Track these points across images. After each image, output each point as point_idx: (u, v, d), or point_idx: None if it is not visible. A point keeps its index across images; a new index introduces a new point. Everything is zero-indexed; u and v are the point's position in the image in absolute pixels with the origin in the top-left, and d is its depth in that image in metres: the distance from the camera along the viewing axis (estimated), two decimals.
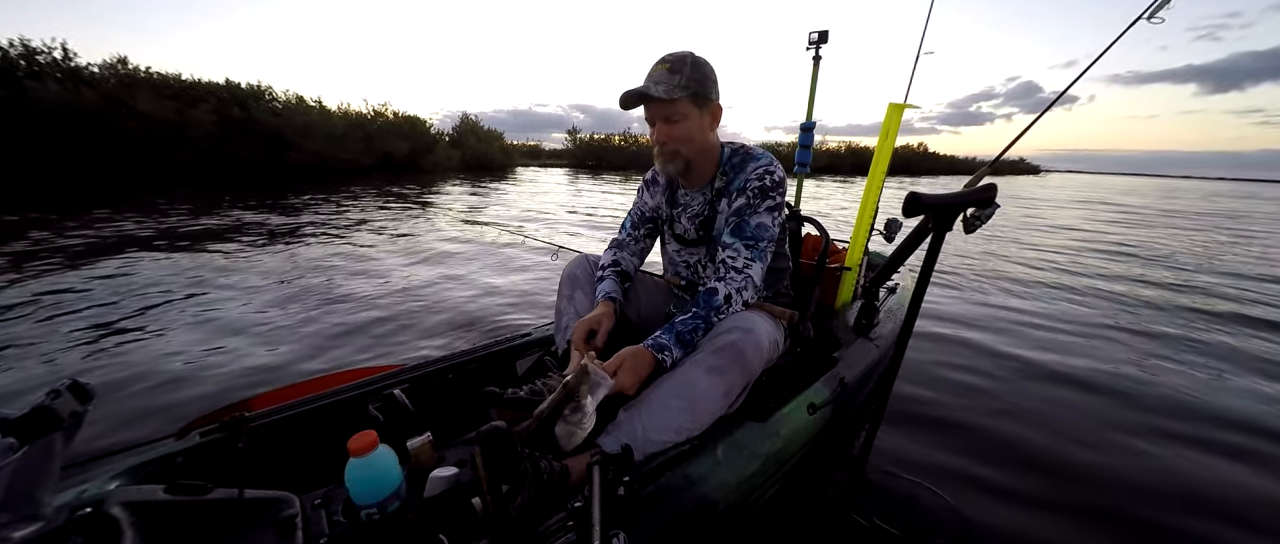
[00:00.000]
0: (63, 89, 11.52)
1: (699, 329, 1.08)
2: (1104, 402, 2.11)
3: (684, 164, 1.20)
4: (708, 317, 1.09)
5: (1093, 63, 1.50)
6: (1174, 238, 7.56)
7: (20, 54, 12.00)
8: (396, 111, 20.07)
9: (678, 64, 1.10)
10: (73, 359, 2.21)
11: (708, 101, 1.14)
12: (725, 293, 1.11)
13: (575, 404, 0.88)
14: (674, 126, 1.13)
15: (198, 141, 13.07)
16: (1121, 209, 13.02)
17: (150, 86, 13.32)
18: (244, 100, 14.87)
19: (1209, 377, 2.39)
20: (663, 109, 1.12)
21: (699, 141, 1.17)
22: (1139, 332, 3.03)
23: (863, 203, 1.84)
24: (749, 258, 1.14)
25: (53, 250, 4.14)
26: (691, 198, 1.31)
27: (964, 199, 1.03)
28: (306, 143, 15.03)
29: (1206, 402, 2.12)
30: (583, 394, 0.88)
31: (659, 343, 1.04)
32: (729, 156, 1.24)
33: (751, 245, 1.14)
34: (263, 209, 7.04)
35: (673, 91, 1.08)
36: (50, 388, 0.70)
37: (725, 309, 1.10)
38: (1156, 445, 1.79)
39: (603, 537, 0.69)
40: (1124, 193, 23.81)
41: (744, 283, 1.13)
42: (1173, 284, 4.35)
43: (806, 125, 2.03)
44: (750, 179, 1.17)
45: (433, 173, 18.19)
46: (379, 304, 3.11)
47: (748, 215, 1.16)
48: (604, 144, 31.74)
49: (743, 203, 1.17)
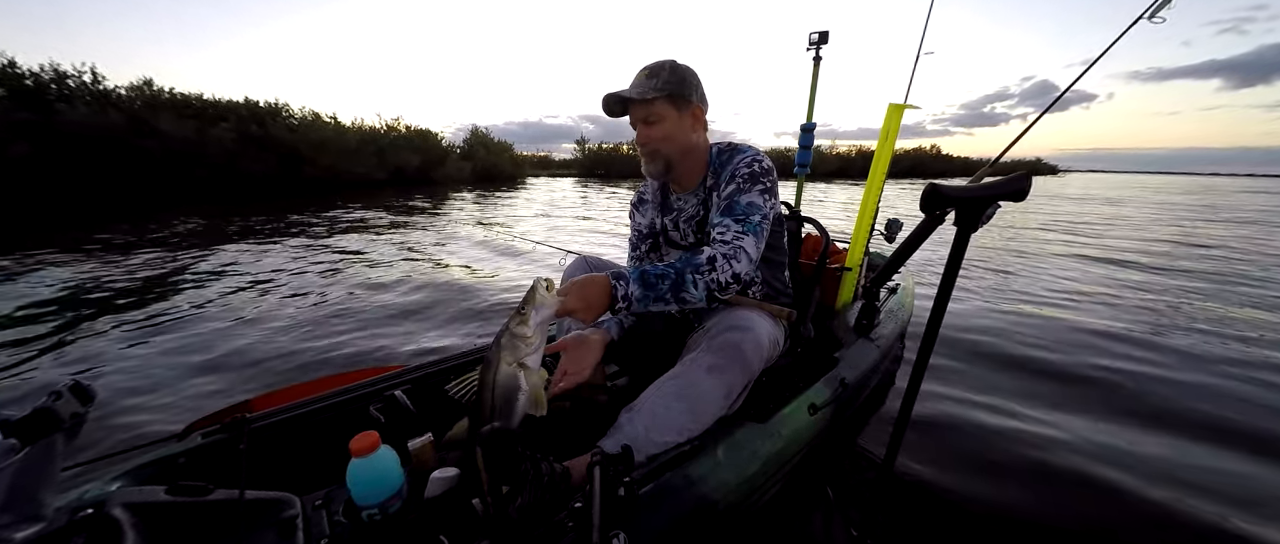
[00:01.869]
0: (91, 111, 11.90)
1: (667, 277, 1.00)
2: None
3: (665, 163, 1.20)
4: (682, 271, 1.01)
5: (1090, 65, 1.50)
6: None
7: (51, 78, 12.41)
8: (409, 125, 20.37)
9: (656, 69, 1.13)
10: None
11: (687, 103, 1.16)
12: (710, 254, 1.04)
13: (520, 319, 0.85)
14: (652, 127, 1.15)
15: (215, 158, 13.34)
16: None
17: (172, 107, 13.70)
18: (262, 118, 15.16)
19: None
20: (640, 110, 1.14)
21: (680, 141, 1.18)
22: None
23: (863, 203, 1.84)
24: (740, 231, 1.09)
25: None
26: (684, 201, 1.31)
27: (994, 192, 0.86)
28: (321, 158, 15.30)
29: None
30: (527, 311, 0.86)
31: (618, 272, 1.00)
32: (717, 155, 1.25)
33: (742, 220, 1.10)
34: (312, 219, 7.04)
35: (647, 92, 1.11)
36: (51, 390, 0.71)
37: (706, 269, 1.02)
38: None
39: (603, 537, 0.69)
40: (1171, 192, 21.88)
41: (733, 251, 1.05)
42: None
43: (807, 126, 2.04)
44: (738, 167, 1.17)
45: (444, 185, 18.33)
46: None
47: (737, 197, 1.14)
48: (612, 153, 32.27)
49: (732, 188, 1.15)
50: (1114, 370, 2.32)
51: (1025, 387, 2.14)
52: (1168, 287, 4.04)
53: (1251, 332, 2.91)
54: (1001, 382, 2.18)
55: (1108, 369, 2.33)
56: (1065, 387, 2.16)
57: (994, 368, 2.32)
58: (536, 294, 0.87)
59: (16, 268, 3.93)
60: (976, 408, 1.92)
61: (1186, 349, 2.60)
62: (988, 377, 2.22)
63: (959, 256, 0.97)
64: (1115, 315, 3.20)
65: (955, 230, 0.94)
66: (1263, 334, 2.86)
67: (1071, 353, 2.52)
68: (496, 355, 0.85)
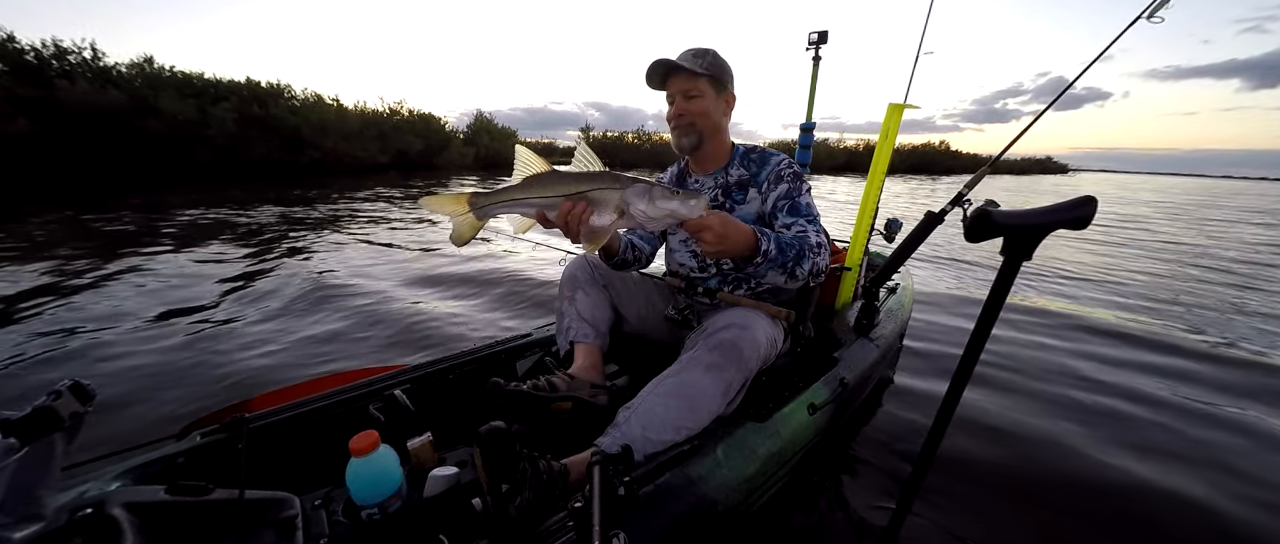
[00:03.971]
0: (91, 87, 11.77)
1: (793, 248, 1.08)
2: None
3: (697, 138, 1.26)
4: (803, 248, 1.09)
5: (1088, 66, 1.50)
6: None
7: (52, 54, 12.29)
8: (412, 110, 20.17)
9: (702, 53, 1.22)
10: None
11: (724, 88, 1.25)
12: (818, 240, 1.13)
13: (664, 192, 0.84)
14: (691, 102, 1.22)
15: (217, 140, 13.21)
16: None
17: (174, 86, 13.54)
18: (264, 99, 14.97)
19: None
20: (685, 82, 1.21)
21: (713, 120, 1.26)
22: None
23: (863, 202, 1.84)
24: (817, 229, 1.19)
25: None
26: (700, 183, 1.37)
27: (1052, 219, 0.74)
28: (323, 140, 15.16)
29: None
30: (673, 197, 0.84)
31: (761, 229, 1.04)
32: (746, 153, 1.32)
33: (812, 220, 1.20)
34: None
35: (697, 67, 1.19)
36: (51, 389, 0.71)
37: (815, 253, 1.10)
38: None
39: (603, 537, 0.69)
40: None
41: (824, 245, 1.15)
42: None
43: (806, 126, 2.05)
44: (781, 169, 1.26)
45: (446, 171, 18.18)
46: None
47: (796, 198, 1.23)
48: (617, 141, 31.78)
49: (785, 187, 1.24)
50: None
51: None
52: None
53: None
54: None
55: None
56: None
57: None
58: (689, 191, 0.87)
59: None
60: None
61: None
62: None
63: (1004, 291, 0.80)
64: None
65: (1002, 260, 0.79)
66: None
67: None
68: (621, 196, 0.85)
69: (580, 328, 1.34)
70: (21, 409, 0.68)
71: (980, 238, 0.78)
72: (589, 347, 1.32)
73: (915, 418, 1.88)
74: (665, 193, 0.85)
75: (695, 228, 0.91)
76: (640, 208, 0.85)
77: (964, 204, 1.52)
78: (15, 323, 2.62)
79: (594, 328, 1.35)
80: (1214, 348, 2.74)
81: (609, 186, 0.86)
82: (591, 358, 1.30)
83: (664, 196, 0.85)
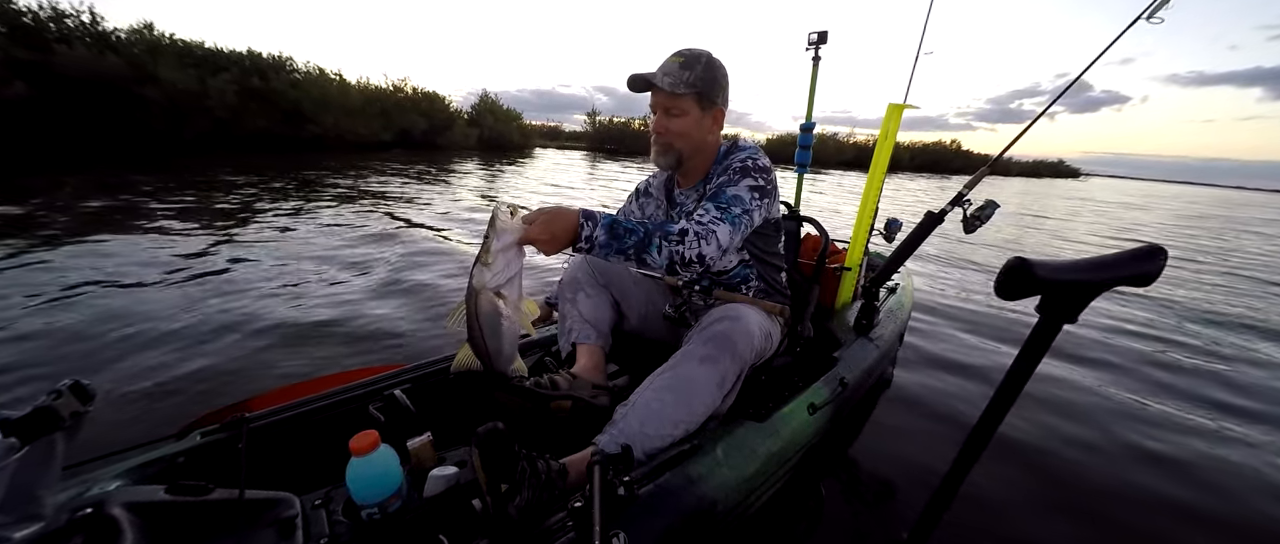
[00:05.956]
0: (89, 53, 11.52)
1: (635, 233, 0.97)
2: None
3: (676, 158, 1.21)
4: (652, 233, 0.98)
5: (1086, 68, 1.51)
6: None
7: (50, 16, 12.03)
8: (416, 88, 19.69)
9: (692, 61, 1.12)
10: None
11: (712, 104, 1.16)
12: (682, 227, 1.01)
13: (483, 247, 0.88)
14: (672, 120, 1.15)
15: (217, 111, 12.93)
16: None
17: (174, 54, 13.24)
18: (265, 71, 14.65)
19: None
20: (666, 100, 1.14)
21: (695, 139, 1.19)
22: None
23: (862, 203, 1.84)
24: (717, 216, 1.06)
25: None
26: (687, 196, 1.33)
27: (1108, 275, 0.56)
28: (324, 116, 14.84)
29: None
30: (489, 239, 0.88)
31: (588, 212, 0.95)
32: (724, 154, 1.25)
33: (723, 209, 1.08)
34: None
35: (678, 86, 1.10)
36: (51, 388, 0.71)
37: (674, 239, 0.98)
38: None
39: (603, 537, 0.69)
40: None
41: (705, 232, 1.02)
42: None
43: (806, 125, 2.04)
44: (733, 162, 1.17)
45: (449, 151, 17.86)
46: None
47: (724, 188, 1.12)
48: (623, 128, 30.98)
49: (722, 179, 1.16)
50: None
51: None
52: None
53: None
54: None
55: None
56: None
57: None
58: (497, 220, 0.87)
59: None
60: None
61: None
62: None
63: (1037, 355, 0.62)
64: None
65: (1038, 318, 0.60)
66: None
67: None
68: (469, 284, 0.90)
69: (582, 329, 1.34)
70: (22, 408, 0.68)
71: (1016, 295, 0.58)
72: (591, 347, 1.32)
73: (915, 418, 1.89)
74: (483, 245, 0.89)
75: (528, 240, 0.91)
76: (497, 268, 0.89)
77: (964, 204, 1.52)
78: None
79: (596, 329, 1.35)
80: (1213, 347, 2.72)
81: (469, 277, 0.92)
82: (593, 359, 1.30)
83: (484, 249, 0.89)
